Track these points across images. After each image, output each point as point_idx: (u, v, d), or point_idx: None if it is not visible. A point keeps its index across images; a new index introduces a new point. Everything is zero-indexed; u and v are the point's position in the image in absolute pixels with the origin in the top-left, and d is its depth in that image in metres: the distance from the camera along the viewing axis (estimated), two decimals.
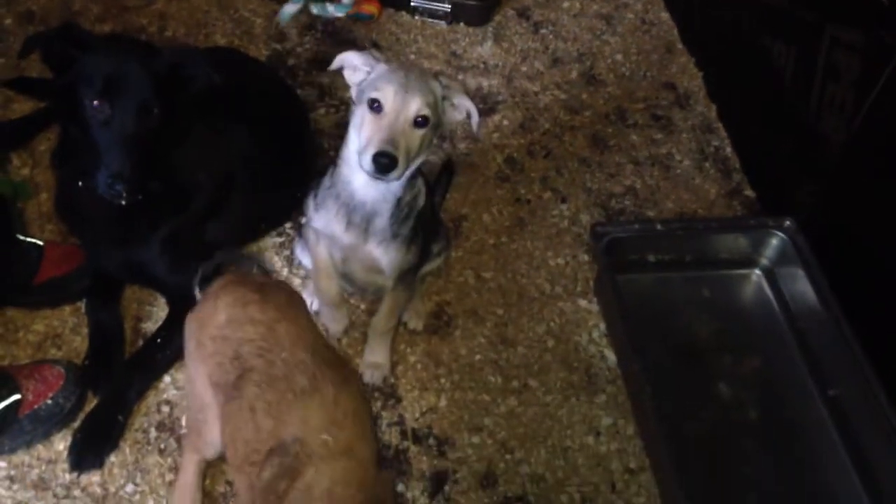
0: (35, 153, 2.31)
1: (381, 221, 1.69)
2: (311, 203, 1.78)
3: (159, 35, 2.74)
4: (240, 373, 1.36)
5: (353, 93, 1.63)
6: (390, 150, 1.50)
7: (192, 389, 1.56)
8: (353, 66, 1.62)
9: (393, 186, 1.64)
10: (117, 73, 1.68)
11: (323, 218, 1.73)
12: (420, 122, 1.55)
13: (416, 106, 1.53)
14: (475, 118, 1.65)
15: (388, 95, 1.53)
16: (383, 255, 1.73)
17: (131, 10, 2.81)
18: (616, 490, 1.82)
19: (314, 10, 2.85)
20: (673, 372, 2.00)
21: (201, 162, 1.92)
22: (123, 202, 1.72)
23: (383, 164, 1.51)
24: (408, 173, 1.62)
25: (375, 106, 1.54)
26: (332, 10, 2.84)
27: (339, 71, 1.65)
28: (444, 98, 1.60)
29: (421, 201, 1.74)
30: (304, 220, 1.96)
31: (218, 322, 1.43)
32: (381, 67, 1.58)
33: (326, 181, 1.73)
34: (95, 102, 1.67)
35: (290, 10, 2.81)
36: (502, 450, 1.86)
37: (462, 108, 1.64)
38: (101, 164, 1.69)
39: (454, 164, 2.36)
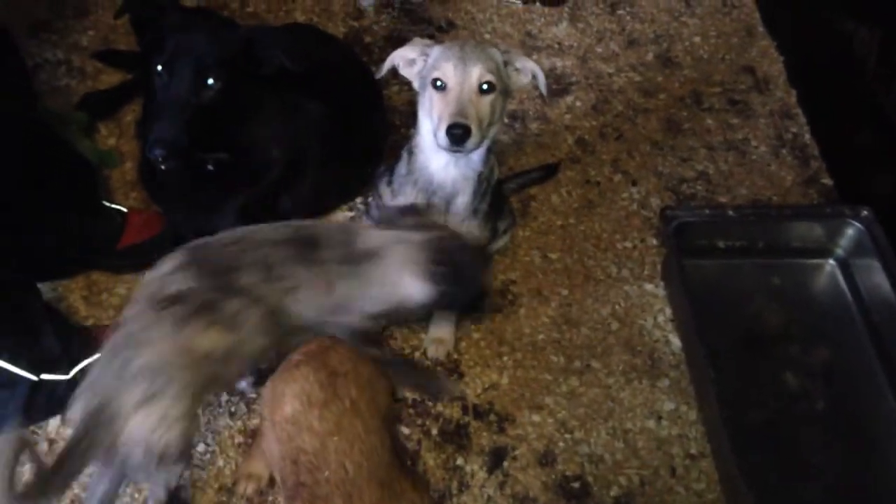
0: (122, 123, 2.40)
1: (463, 200, 1.71)
2: (385, 191, 1.81)
3: (241, 10, 2.80)
4: (295, 480, 1.33)
5: (416, 84, 1.65)
6: (462, 121, 1.53)
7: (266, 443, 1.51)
8: (407, 59, 1.65)
9: (473, 162, 1.66)
10: (185, 44, 1.74)
11: (401, 201, 1.76)
12: (486, 88, 1.57)
13: (477, 72, 1.55)
14: (541, 78, 1.66)
15: (448, 71, 1.56)
16: (465, 231, 1.75)
17: None
18: (676, 475, 1.82)
19: None
20: (738, 359, 1.98)
21: (276, 136, 1.97)
22: (163, 167, 1.76)
23: (457, 135, 1.53)
24: (486, 143, 1.64)
25: (439, 84, 1.57)
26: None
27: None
28: (506, 63, 1.62)
29: (496, 175, 1.76)
30: (370, 201, 1.99)
31: (285, 414, 1.38)
32: (436, 50, 1.61)
33: (402, 168, 1.75)
34: (159, 67, 1.74)
35: None
36: (562, 429, 1.88)
37: (527, 71, 1.65)
38: (151, 128, 1.75)
39: (560, 166, 2.38)
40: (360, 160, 2.21)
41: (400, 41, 2.71)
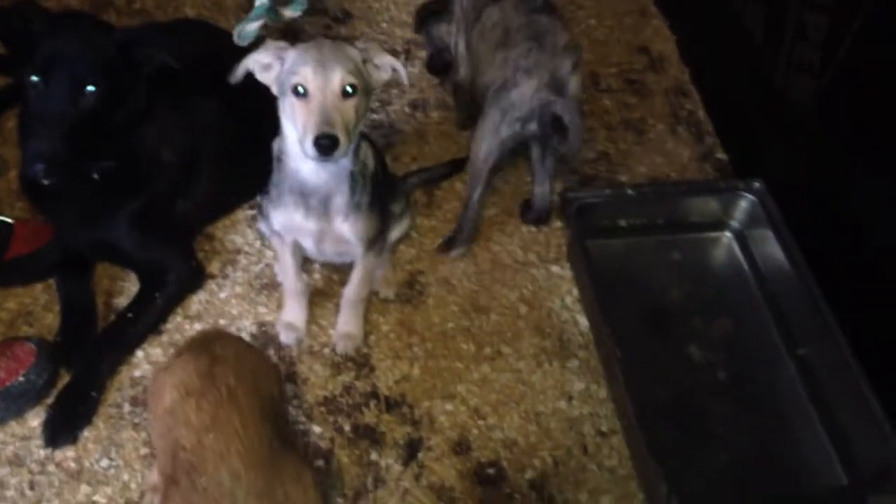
0: (4, 130, 2.29)
1: (340, 199, 1.69)
2: (266, 205, 1.78)
3: (127, 7, 2.71)
4: (171, 474, 1.30)
5: (275, 89, 1.59)
6: (329, 131, 1.48)
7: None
8: (263, 64, 1.58)
9: (342, 163, 1.63)
10: (57, 50, 1.67)
11: (282, 214, 1.73)
12: (348, 91, 1.52)
13: (338, 77, 1.50)
14: (402, 72, 1.62)
15: (307, 76, 1.50)
16: (350, 228, 1.74)
17: None
18: (588, 453, 1.84)
19: (278, 16, 2.61)
20: (644, 335, 2.02)
21: (166, 138, 1.91)
22: (46, 182, 1.68)
23: (325, 146, 1.48)
24: (352, 146, 1.61)
25: (299, 91, 1.51)
26: (288, 14, 2.66)
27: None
28: (364, 61, 1.58)
29: (371, 164, 1.74)
30: (259, 206, 1.97)
31: (164, 404, 1.36)
32: (292, 53, 1.55)
33: (274, 178, 1.72)
34: (33, 77, 1.66)
35: (252, 28, 2.47)
36: (475, 416, 1.88)
37: (386, 67, 1.61)
38: (27, 143, 1.67)
39: (465, 161, 2.34)
40: (258, 157, 2.15)
41: (295, 34, 2.68)
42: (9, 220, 2.00)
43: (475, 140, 2.05)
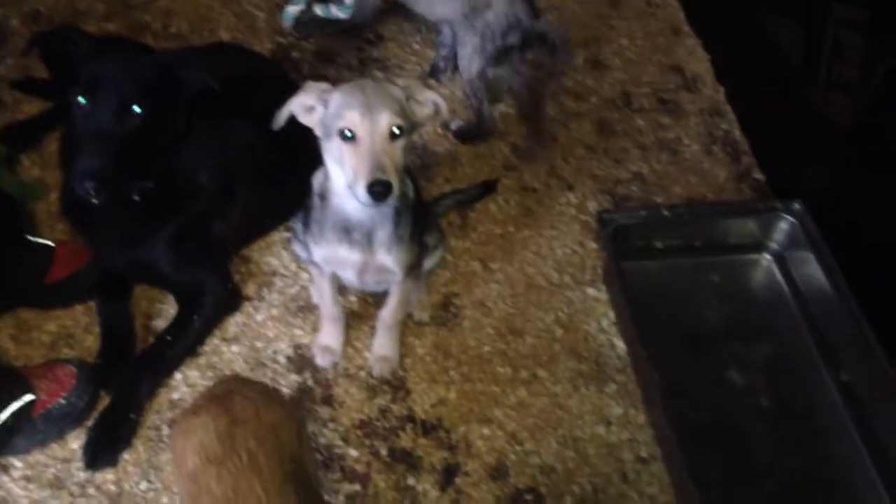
0: (44, 153, 2.32)
1: (384, 232, 1.68)
2: (307, 238, 1.77)
3: (164, 32, 2.74)
4: None
5: (318, 132, 1.56)
6: (382, 178, 1.46)
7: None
8: (306, 106, 1.56)
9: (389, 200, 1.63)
10: (102, 72, 1.69)
11: (324, 249, 1.72)
12: (396, 133, 1.50)
13: (386, 120, 1.48)
14: (443, 107, 1.61)
15: (355, 120, 1.47)
16: (393, 259, 1.72)
17: (136, 7, 2.81)
18: (628, 480, 1.82)
19: (317, 10, 2.75)
20: (682, 359, 2.00)
21: (203, 161, 1.92)
22: (95, 200, 1.70)
23: (379, 192, 1.46)
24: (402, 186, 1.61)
25: (347, 134, 1.49)
26: (335, 12, 2.74)
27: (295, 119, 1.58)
28: (407, 98, 1.56)
29: (412, 195, 1.73)
30: (294, 232, 1.98)
31: (186, 468, 1.32)
32: (336, 95, 1.52)
33: (316, 214, 1.70)
34: (79, 99, 1.68)
35: (292, 10, 2.73)
36: (512, 441, 1.87)
37: (428, 102, 1.59)
38: (76, 161, 1.69)
39: (497, 183, 2.37)
40: (293, 180, 2.16)
41: (329, 56, 2.70)
42: (50, 243, 2.02)
43: (463, 63, 2.35)
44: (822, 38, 2.19)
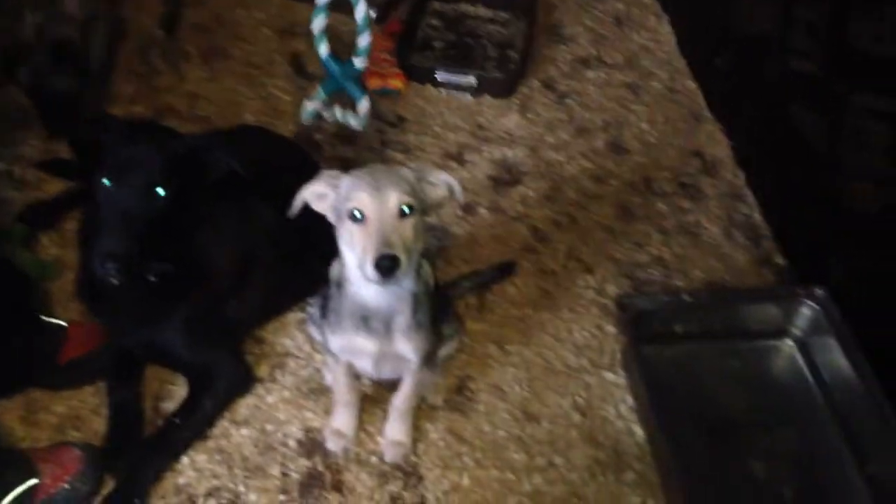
0: (64, 233, 2.34)
1: (402, 319, 1.66)
2: (324, 327, 1.77)
3: (189, 112, 2.80)
4: None
5: (331, 217, 1.58)
6: (388, 252, 1.45)
7: None
8: (318, 194, 1.58)
9: (405, 284, 1.61)
10: (128, 154, 1.72)
11: (341, 338, 1.71)
12: (405, 212, 1.50)
13: (395, 198, 1.48)
14: (457, 189, 1.61)
15: (364, 201, 1.48)
16: (412, 347, 1.70)
17: (163, 90, 2.88)
18: None
19: (336, 112, 2.79)
20: (704, 448, 1.94)
21: (221, 242, 1.93)
22: (115, 282, 1.70)
23: (387, 266, 1.45)
24: (413, 265, 1.60)
25: (356, 216, 1.49)
26: (351, 122, 2.78)
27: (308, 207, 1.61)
28: (419, 180, 1.56)
29: (431, 282, 1.72)
30: (310, 316, 1.99)
31: None
32: (346, 180, 1.54)
33: (333, 303, 1.70)
34: (104, 181, 1.70)
35: (311, 107, 2.77)
36: None
37: (441, 183, 1.59)
38: (99, 242, 1.70)
39: (515, 265, 2.36)
40: (312, 260, 2.17)
41: (350, 138, 2.74)
42: (63, 323, 2.02)
43: None
44: (844, 125, 2.18)
